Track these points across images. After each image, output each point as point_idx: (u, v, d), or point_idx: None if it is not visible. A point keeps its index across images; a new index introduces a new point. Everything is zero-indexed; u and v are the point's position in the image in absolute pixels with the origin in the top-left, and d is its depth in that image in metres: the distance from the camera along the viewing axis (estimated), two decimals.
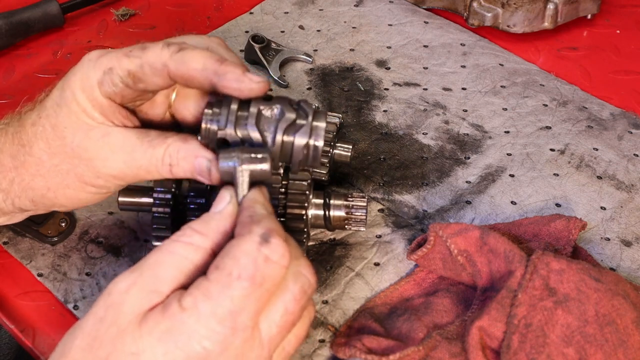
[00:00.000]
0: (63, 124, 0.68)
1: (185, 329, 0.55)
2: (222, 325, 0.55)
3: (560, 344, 0.66)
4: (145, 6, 1.18)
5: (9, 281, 0.82)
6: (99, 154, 0.68)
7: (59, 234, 0.84)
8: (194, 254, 0.59)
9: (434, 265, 0.79)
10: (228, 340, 0.55)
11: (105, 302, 0.57)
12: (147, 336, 0.55)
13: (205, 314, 0.55)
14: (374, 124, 0.98)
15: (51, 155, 0.69)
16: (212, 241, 0.59)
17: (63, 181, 0.70)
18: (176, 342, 0.55)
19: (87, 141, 0.68)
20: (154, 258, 0.59)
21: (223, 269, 0.56)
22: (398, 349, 0.70)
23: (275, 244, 0.57)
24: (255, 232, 0.57)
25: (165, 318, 0.55)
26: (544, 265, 0.71)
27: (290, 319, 0.59)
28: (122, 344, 0.55)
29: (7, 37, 1.08)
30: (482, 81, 1.05)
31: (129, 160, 0.67)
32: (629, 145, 0.96)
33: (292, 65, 1.07)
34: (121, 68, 0.66)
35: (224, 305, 0.55)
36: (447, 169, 0.93)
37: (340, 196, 0.80)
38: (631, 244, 0.85)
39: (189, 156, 0.66)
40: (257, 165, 0.62)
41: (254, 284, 0.56)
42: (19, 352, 1.51)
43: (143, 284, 0.57)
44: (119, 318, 0.56)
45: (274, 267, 0.56)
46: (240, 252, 0.56)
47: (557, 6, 1.08)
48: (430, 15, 1.16)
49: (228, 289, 0.55)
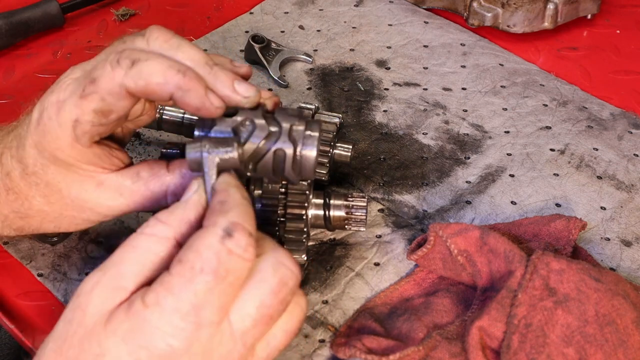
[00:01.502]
0: (55, 180, 0.68)
1: (148, 327, 0.54)
2: (185, 321, 0.54)
3: (560, 344, 0.66)
4: (145, 6, 1.18)
5: (9, 281, 0.82)
6: (100, 202, 0.68)
7: (59, 234, 0.84)
8: (157, 245, 0.57)
9: (434, 265, 0.79)
10: (193, 336, 0.54)
11: (72, 304, 0.57)
12: (111, 336, 0.54)
13: (168, 310, 0.54)
14: (374, 124, 0.98)
15: (53, 207, 0.69)
16: (176, 231, 0.58)
17: (73, 221, 0.71)
18: (140, 340, 0.54)
19: (84, 193, 0.68)
20: (117, 254, 0.58)
21: (185, 263, 0.55)
22: (398, 349, 0.70)
23: (238, 238, 0.55)
24: (219, 225, 0.55)
25: (128, 317, 0.54)
26: (544, 265, 0.71)
27: (267, 312, 0.57)
28: (89, 345, 0.55)
29: (7, 37, 1.08)
30: (482, 81, 1.05)
31: (131, 204, 0.68)
32: (629, 145, 0.96)
33: (292, 65, 1.07)
34: (85, 113, 0.63)
35: (186, 301, 0.54)
36: (447, 169, 0.93)
37: (340, 196, 0.80)
38: (631, 244, 0.85)
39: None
40: (224, 152, 0.61)
41: (217, 277, 0.54)
42: (19, 352, 1.51)
43: (106, 282, 0.56)
44: (85, 319, 0.55)
45: (237, 260, 0.55)
46: (202, 245, 0.55)
47: (557, 6, 1.08)
48: (430, 15, 1.16)
49: (191, 283, 0.54)
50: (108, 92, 0.62)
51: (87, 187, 0.68)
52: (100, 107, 0.62)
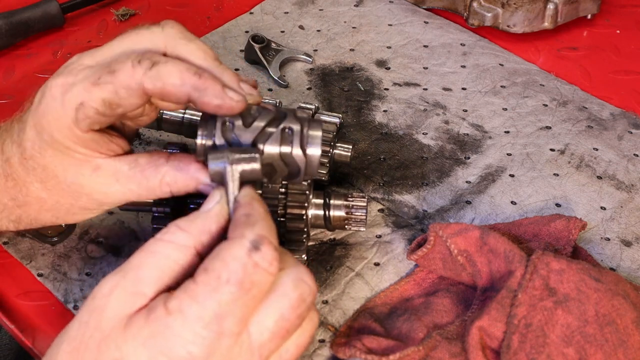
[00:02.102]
0: (52, 164, 0.67)
1: (169, 334, 0.54)
2: (208, 329, 0.54)
3: (560, 344, 0.66)
4: (145, 6, 1.18)
5: (9, 281, 0.82)
6: (96, 188, 0.68)
7: (59, 234, 0.84)
8: (177, 252, 0.57)
9: (434, 265, 0.79)
10: (214, 345, 0.54)
11: (89, 306, 0.57)
12: (131, 341, 0.54)
13: (191, 318, 0.54)
14: (374, 124, 0.98)
15: (50, 193, 0.69)
16: (196, 240, 0.58)
17: (69, 211, 0.70)
18: (160, 346, 0.54)
19: (80, 178, 0.67)
20: (136, 259, 0.58)
21: (212, 272, 0.55)
22: (398, 349, 0.70)
23: (265, 251, 0.55)
24: (247, 237, 0.56)
25: (149, 322, 0.54)
26: (544, 265, 0.71)
27: (285, 325, 0.57)
28: (107, 348, 0.54)
29: (7, 37, 1.08)
30: (482, 81, 1.05)
31: (126, 192, 0.67)
32: (629, 145, 0.96)
33: (292, 65, 1.07)
34: (93, 100, 0.63)
35: (210, 309, 0.54)
36: (447, 169, 0.93)
37: (340, 196, 0.80)
38: (631, 244, 0.85)
39: (189, 184, 0.66)
40: (247, 164, 0.61)
41: (242, 289, 0.54)
42: (19, 353, 1.51)
43: (125, 287, 0.56)
44: (102, 322, 0.55)
45: (262, 273, 0.55)
46: (230, 256, 0.55)
47: (557, 6, 1.08)
48: (430, 15, 1.16)
49: (216, 292, 0.54)
50: (124, 86, 0.62)
51: (83, 172, 0.67)
52: (111, 98, 0.63)
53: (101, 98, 0.63)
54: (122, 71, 0.62)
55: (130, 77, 0.62)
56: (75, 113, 0.63)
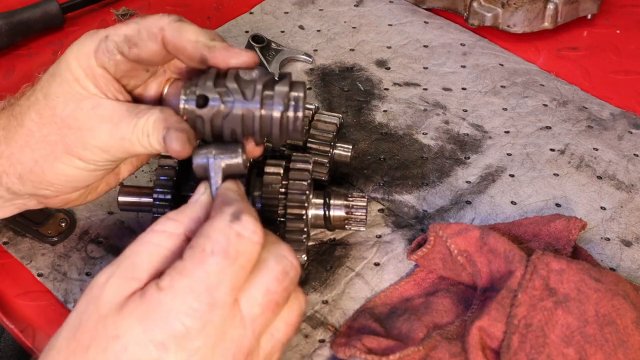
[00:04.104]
0: (55, 93, 0.68)
1: (163, 308, 0.55)
2: (199, 301, 0.55)
3: (560, 344, 0.66)
4: (145, 6, 1.18)
5: (9, 281, 0.82)
6: (88, 124, 0.67)
7: (59, 234, 0.84)
8: (168, 240, 0.60)
9: (434, 265, 0.79)
10: (206, 316, 0.56)
11: (86, 296, 0.58)
12: (127, 319, 0.55)
13: (182, 291, 0.55)
14: (374, 124, 0.98)
15: (41, 125, 0.69)
16: (185, 227, 0.60)
17: (51, 153, 0.69)
18: (155, 321, 0.55)
19: (78, 111, 0.68)
20: (130, 249, 0.60)
21: (197, 247, 0.57)
22: (398, 349, 0.70)
23: (246, 221, 0.57)
24: (226, 212, 0.58)
25: (143, 300, 0.56)
26: (544, 265, 0.71)
27: (273, 298, 0.59)
28: (104, 328, 0.56)
29: (7, 37, 1.08)
30: (482, 81, 1.05)
31: (114, 131, 0.67)
32: (629, 145, 0.96)
33: (292, 65, 1.07)
34: (117, 34, 0.67)
35: (200, 281, 0.56)
36: (447, 169, 0.93)
37: (340, 196, 0.80)
38: (631, 244, 0.85)
39: (159, 126, 0.66)
40: (228, 158, 0.64)
41: (228, 258, 0.56)
42: (21, 354, 1.50)
43: (120, 274, 0.58)
44: (99, 307, 0.57)
45: (246, 242, 0.57)
46: (212, 230, 0.57)
47: (557, 6, 1.08)
48: (430, 15, 1.16)
49: (203, 264, 0.56)
50: (147, 28, 0.67)
51: (83, 106, 0.68)
52: (132, 35, 0.67)
53: (124, 33, 0.67)
54: (150, 18, 0.67)
55: (156, 21, 0.67)
56: (98, 43, 0.67)
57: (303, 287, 0.80)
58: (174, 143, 0.64)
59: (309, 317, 0.77)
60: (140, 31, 0.67)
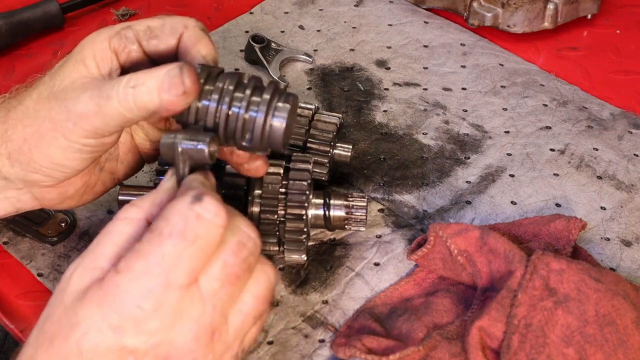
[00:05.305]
0: (58, 73, 0.69)
1: (119, 291, 0.55)
2: (154, 282, 0.55)
3: (560, 344, 0.66)
4: (145, 6, 1.18)
5: (9, 281, 0.82)
6: (74, 93, 0.67)
7: (59, 234, 0.84)
8: (129, 226, 0.59)
9: (434, 265, 0.79)
10: (162, 298, 0.55)
11: (55, 291, 0.59)
12: (87, 306, 0.55)
13: (138, 273, 0.55)
14: (374, 124, 0.98)
15: (36, 102, 0.69)
16: (147, 212, 0.60)
17: (39, 129, 0.68)
18: (112, 305, 0.55)
19: (69, 86, 0.68)
20: (96, 239, 0.59)
21: (155, 230, 0.56)
22: (398, 349, 0.70)
23: (208, 202, 0.56)
24: (188, 194, 0.57)
25: (102, 285, 0.56)
26: (544, 265, 0.71)
27: (231, 271, 0.58)
28: (66, 317, 0.56)
29: (7, 37, 1.08)
30: (482, 81, 1.05)
31: (95, 95, 0.65)
32: (629, 145, 0.96)
33: (292, 65, 1.07)
34: (140, 24, 0.69)
35: (155, 263, 0.55)
36: (447, 169, 0.93)
37: (340, 196, 0.80)
38: (631, 244, 0.85)
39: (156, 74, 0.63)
40: (193, 145, 0.61)
41: (185, 240, 0.55)
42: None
43: (84, 265, 0.58)
44: (64, 298, 0.57)
45: (207, 224, 0.56)
46: (171, 212, 0.56)
47: (557, 6, 1.08)
48: (430, 15, 1.16)
49: (159, 247, 0.55)
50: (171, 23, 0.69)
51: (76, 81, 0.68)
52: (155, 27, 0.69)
53: (147, 24, 0.69)
54: (177, 16, 0.69)
55: (182, 20, 0.69)
56: (118, 31, 0.69)
57: (303, 287, 0.80)
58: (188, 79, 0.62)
59: (309, 317, 0.77)
60: (164, 25, 0.68)
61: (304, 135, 0.83)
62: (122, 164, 0.77)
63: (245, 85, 0.65)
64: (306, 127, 0.84)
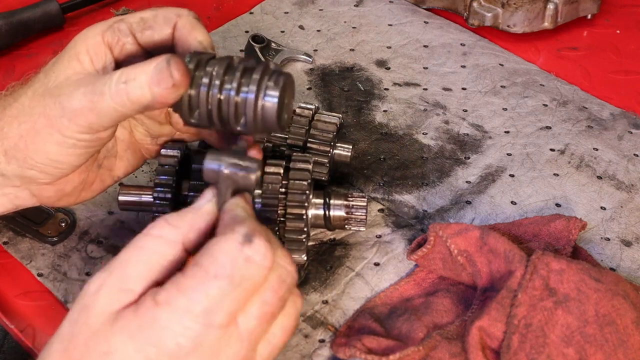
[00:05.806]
0: (52, 69, 0.69)
1: (157, 325, 0.54)
2: (195, 322, 0.54)
3: (560, 344, 0.66)
4: (145, 6, 1.18)
5: (9, 281, 0.82)
6: (68, 89, 0.67)
7: (59, 234, 0.84)
8: (165, 248, 0.57)
9: (434, 265, 0.79)
10: (202, 337, 0.54)
11: (78, 304, 0.57)
12: (119, 334, 0.54)
13: (179, 311, 0.54)
14: (374, 124, 0.98)
15: (32, 99, 0.69)
16: (185, 236, 0.58)
17: (34, 126, 0.68)
18: (149, 338, 0.54)
19: (63, 82, 0.67)
20: (123, 255, 0.57)
21: (200, 266, 0.55)
22: (398, 349, 0.70)
23: (258, 244, 0.55)
24: (239, 232, 0.56)
25: (137, 315, 0.54)
26: (544, 265, 0.71)
27: (269, 310, 0.58)
28: (95, 343, 0.54)
29: (7, 37, 1.08)
30: (482, 81, 1.05)
31: (89, 92, 0.65)
32: (629, 145, 0.96)
33: (292, 65, 1.07)
34: (133, 16, 0.69)
35: (198, 302, 0.54)
36: (447, 169, 0.93)
37: (340, 196, 0.80)
38: (631, 244, 0.85)
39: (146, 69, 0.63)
40: (241, 173, 0.60)
41: (232, 283, 0.54)
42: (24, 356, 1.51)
43: (112, 284, 0.56)
44: (90, 319, 0.55)
45: (255, 267, 0.55)
46: (219, 251, 0.55)
47: (557, 6, 1.08)
48: (430, 15, 1.16)
49: (204, 285, 0.54)
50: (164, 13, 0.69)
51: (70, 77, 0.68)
52: (148, 18, 0.69)
53: (140, 16, 0.69)
54: (168, 7, 0.70)
55: (174, 10, 0.69)
56: (111, 24, 0.69)
57: (303, 287, 0.80)
58: (176, 71, 0.62)
59: (309, 317, 0.77)
60: (157, 15, 0.68)
61: (304, 135, 0.83)
62: (121, 160, 0.77)
63: (235, 67, 0.64)
64: (306, 127, 0.84)
